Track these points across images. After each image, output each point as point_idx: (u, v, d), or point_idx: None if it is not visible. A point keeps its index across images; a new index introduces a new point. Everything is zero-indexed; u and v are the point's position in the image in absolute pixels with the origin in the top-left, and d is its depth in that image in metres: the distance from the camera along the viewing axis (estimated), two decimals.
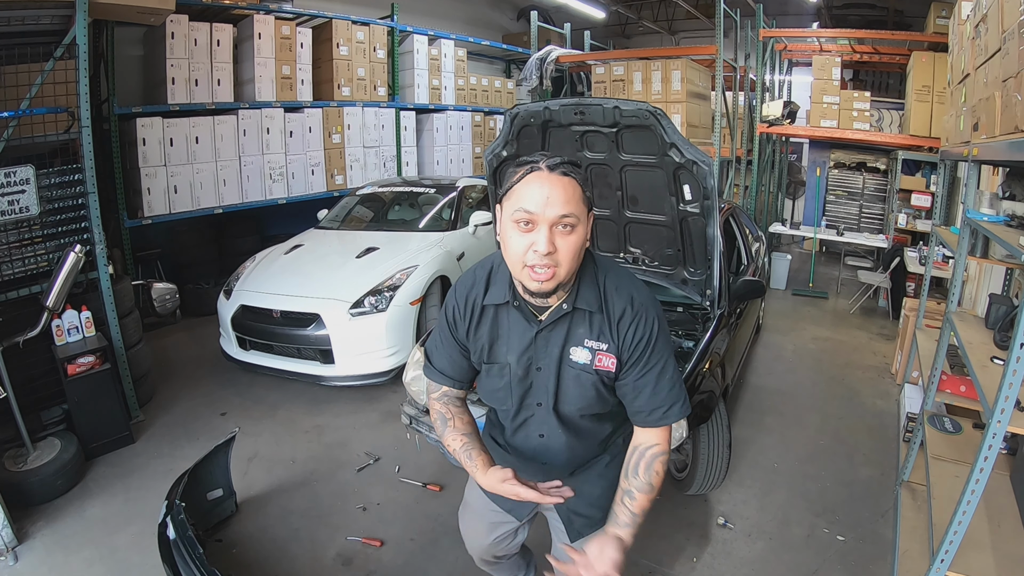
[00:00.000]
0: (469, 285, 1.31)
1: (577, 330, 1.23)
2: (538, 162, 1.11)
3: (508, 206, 1.13)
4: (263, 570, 2.34)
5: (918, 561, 2.12)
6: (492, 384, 1.34)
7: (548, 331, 1.24)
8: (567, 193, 1.09)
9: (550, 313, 1.23)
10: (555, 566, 1.27)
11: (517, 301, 1.23)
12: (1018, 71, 1.75)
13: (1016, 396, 1.46)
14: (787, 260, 6.70)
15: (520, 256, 1.11)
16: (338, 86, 6.30)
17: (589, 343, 1.23)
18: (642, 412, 1.26)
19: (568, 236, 1.10)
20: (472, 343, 1.32)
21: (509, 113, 2.83)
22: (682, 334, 3.00)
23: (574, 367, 1.25)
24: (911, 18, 8.67)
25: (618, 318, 1.22)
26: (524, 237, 1.10)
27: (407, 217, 4.97)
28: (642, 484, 1.24)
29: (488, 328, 1.29)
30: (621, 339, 1.22)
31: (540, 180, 1.09)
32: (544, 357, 1.25)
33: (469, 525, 1.67)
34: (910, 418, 3.00)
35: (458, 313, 1.30)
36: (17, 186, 2.80)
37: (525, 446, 1.40)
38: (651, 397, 1.24)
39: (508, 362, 1.28)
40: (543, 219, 1.08)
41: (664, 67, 6.62)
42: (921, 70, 5.69)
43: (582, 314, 1.23)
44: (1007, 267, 2.71)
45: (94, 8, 3.18)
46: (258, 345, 3.81)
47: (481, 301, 1.28)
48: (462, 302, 1.30)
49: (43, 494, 2.68)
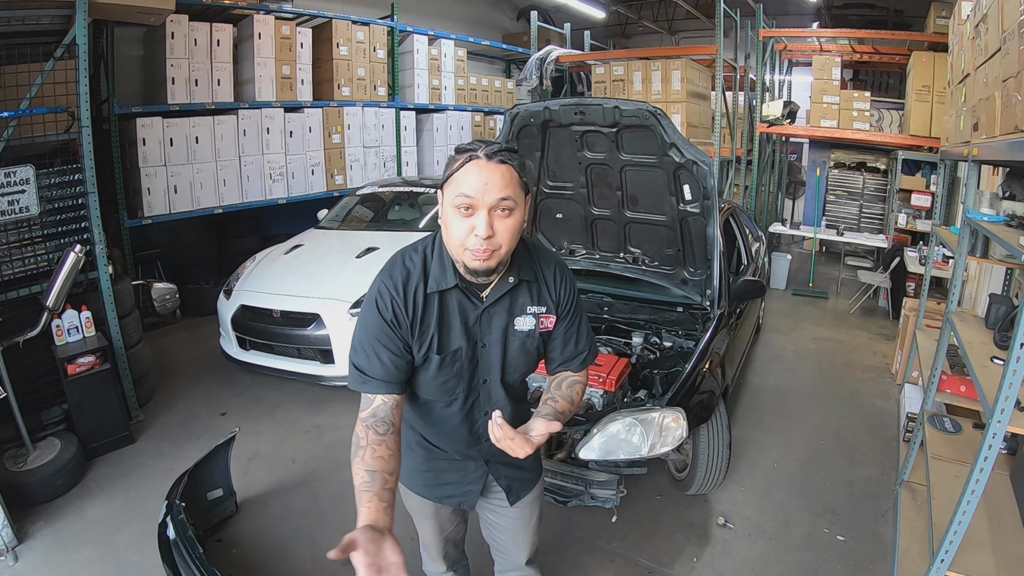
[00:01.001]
0: (403, 277, 1.24)
1: (518, 300, 1.32)
2: (476, 150, 1.16)
3: (449, 192, 1.17)
4: (263, 570, 2.34)
5: (918, 561, 2.12)
6: (442, 376, 1.29)
7: (492, 307, 1.29)
8: (505, 179, 1.15)
9: (493, 289, 1.28)
10: (496, 426, 1.19)
11: (462, 283, 1.26)
12: (1018, 71, 1.75)
13: (1016, 396, 1.46)
14: (787, 260, 6.70)
15: (462, 239, 1.16)
16: (338, 86, 6.30)
17: (531, 309, 1.33)
18: (567, 359, 1.40)
19: (506, 219, 1.17)
20: (418, 338, 1.25)
21: (509, 113, 2.84)
22: (682, 334, 3.00)
23: (518, 335, 1.33)
24: (911, 18, 8.67)
25: (552, 281, 1.35)
26: (465, 221, 1.15)
27: (407, 217, 4.96)
28: (564, 394, 1.38)
29: (436, 317, 1.26)
30: (557, 299, 1.35)
31: (479, 167, 1.14)
32: (489, 333, 1.31)
33: (426, 529, 1.62)
34: (910, 418, 3.00)
35: (399, 309, 1.23)
36: (17, 186, 2.80)
37: (469, 432, 1.39)
38: (575, 346, 1.40)
39: (459, 346, 1.28)
40: (482, 203, 1.14)
41: (664, 67, 6.62)
42: (921, 70, 5.69)
43: (523, 285, 1.32)
44: (1007, 267, 2.71)
45: (94, 8, 3.18)
46: (258, 345, 3.81)
47: (423, 290, 1.24)
48: (400, 296, 1.23)
49: (43, 494, 2.68)
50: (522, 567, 1.66)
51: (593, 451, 2.23)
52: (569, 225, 3.31)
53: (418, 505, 1.54)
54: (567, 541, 2.53)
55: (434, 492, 1.49)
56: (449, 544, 1.65)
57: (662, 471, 2.87)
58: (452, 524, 1.61)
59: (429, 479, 1.48)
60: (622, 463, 2.29)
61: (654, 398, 2.51)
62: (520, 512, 1.56)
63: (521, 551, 1.63)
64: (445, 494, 1.49)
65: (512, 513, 1.55)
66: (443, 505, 1.54)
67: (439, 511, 1.55)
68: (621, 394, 2.63)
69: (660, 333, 3.04)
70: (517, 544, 1.62)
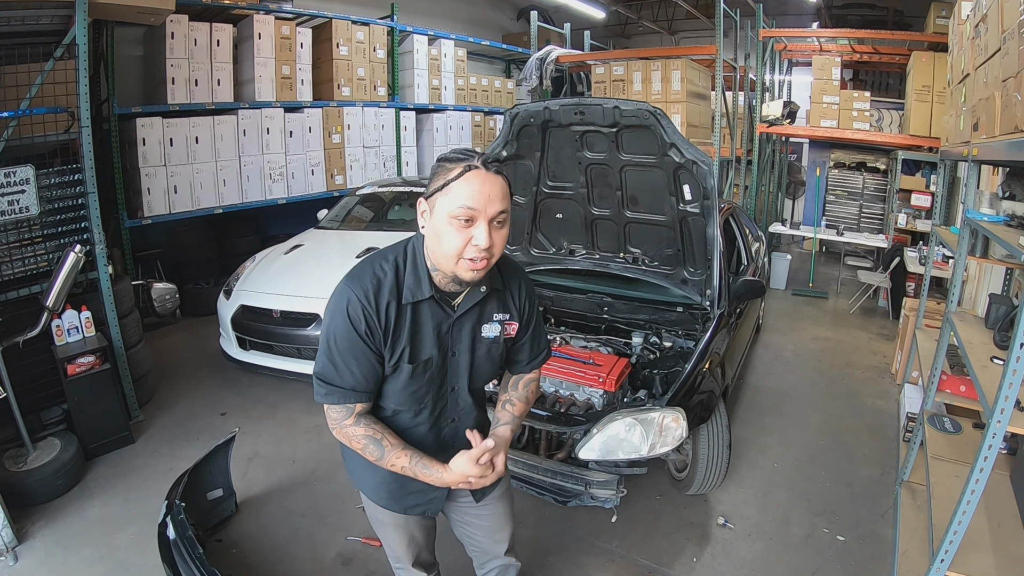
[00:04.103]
0: (375, 287, 1.21)
1: (486, 308, 1.35)
2: (473, 159, 1.16)
3: (445, 202, 1.15)
4: (263, 570, 2.34)
5: (918, 561, 2.12)
6: (413, 385, 1.29)
7: (463, 316, 1.32)
8: (503, 190, 1.18)
9: (465, 298, 1.31)
10: (471, 439, 1.30)
11: (437, 293, 1.27)
12: (1018, 71, 1.75)
13: (1016, 396, 1.46)
14: (787, 260, 6.70)
15: (458, 250, 1.16)
16: (338, 86, 6.30)
17: (498, 317, 1.37)
18: (525, 361, 1.48)
19: (500, 230, 1.20)
20: (389, 348, 1.24)
21: (509, 113, 2.84)
22: (682, 334, 3.00)
23: (484, 342, 1.37)
24: (911, 18, 8.67)
25: (516, 290, 1.40)
26: (462, 232, 1.15)
27: (407, 217, 4.96)
28: (520, 395, 1.48)
29: (408, 327, 1.25)
30: (520, 308, 1.41)
31: (480, 178, 1.14)
32: (459, 342, 1.34)
33: (395, 540, 1.59)
34: (910, 418, 3.00)
35: (371, 320, 1.20)
36: (17, 186, 2.80)
37: (436, 439, 1.40)
38: (533, 347, 1.47)
39: (431, 355, 1.29)
40: (484, 215, 1.15)
41: (664, 67, 6.62)
42: (921, 70, 5.69)
43: (492, 293, 1.35)
44: (1007, 267, 2.71)
45: (94, 8, 3.18)
46: (258, 345, 3.81)
47: (396, 301, 1.23)
48: (372, 306, 1.20)
49: (43, 494, 2.68)
50: (499, 558, 1.67)
51: (593, 451, 2.23)
52: (569, 225, 3.31)
53: (385, 516, 1.51)
54: (567, 541, 2.53)
55: (400, 503, 1.47)
56: (422, 550, 1.63)
57: (662, 471, 2.87)
58: (422, 531, 1.60)
59: (394, 490, 1.44)
60: (622, 463, 2.29)
61: (654, 398, 2.51)
62: (492, 508, 1.58)
63: (499, 544, 1.64)
64: (410, 504, 1.47)
65: (484, 511, 1.57)
66: (410, 515, 1.52)
67: (407, 521, 1.54)
68: (621, 394, 2.63)
69: (660, 333, 3.04)
70: (495, 538, 1.63)
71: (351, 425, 1.27)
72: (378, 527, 1.59)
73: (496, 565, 1.69)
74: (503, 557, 1.66)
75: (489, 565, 1.69)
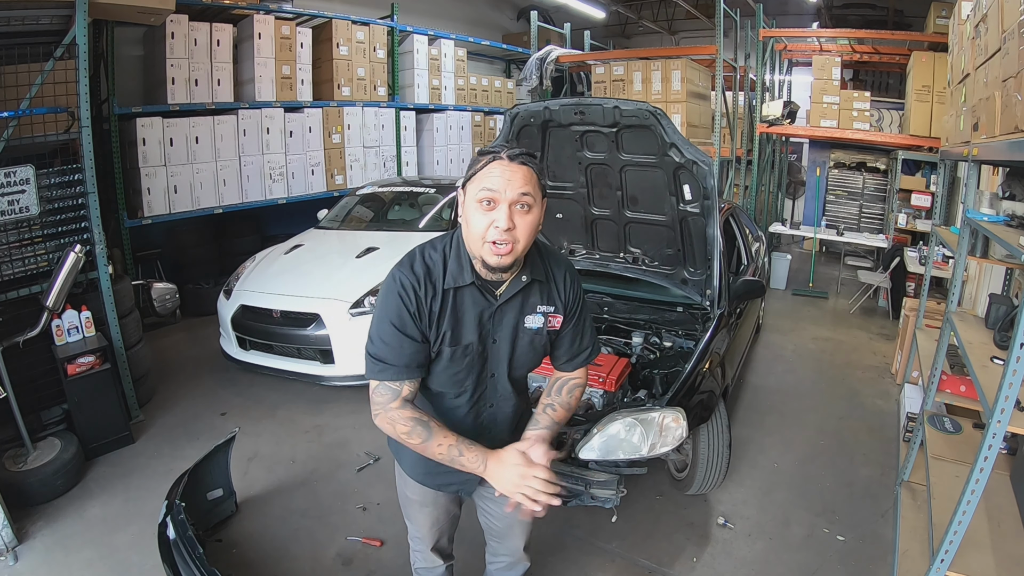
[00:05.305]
0: (424, 271, 1.30)
1: (530, 299, 1.38)
2: (500, 152, 1.24)
3: (471, 188, 1.25)
4: (263, 570, 2.34)
5: (918, 561, 2.12)
6: (453, 367, 1.36)
7: (505, 305, 1.35)
8: (525, 177, 1.23)
9: (507, 287, 1.35)
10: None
11: (479, 280, 1.31)
12: (1018, 71, 1.75)
13: (1016, 396, 1.46)
14: (787, 260, 6.70)
15: (482, 232, 1.22)
16: (338, 86, 6.30)
17: (541, 308, 1.39)
18: (571, 356, 1.49)
19: (526, 215, 1.24)
20: (434, 330, 1.32)
21: (509, 113, 2.83)
22: (682, 334, 3.00)
23: (527, 333, 1.39)
24: (911, 18, 8.67)
25: (561, 283, 1.42)
26: (486, 215, 1.22)
27: (407, 217, 4.96)
28: (563, 400, 1.49)
29: (451, 311, 1.32)
30: (565, 300, 1.42)
31: (502, 166, 1.22)
32: (500, 329, 1.37)
33: (421, 519, 1.66)
34: (910, 418, 3.00)
35: (421, 302, 1.29)
36: (17, 186, 2.80)
37: (474, 422, 1.45)
38: (580, 343, 1.48)
39: (471, 341, 1.34)
40: (504, 198, 1.21)
41: (664, 67, 6.62)
42: (921, 70, 5.69)
43: (535, 284, 1.38)
44: (1007, 267, 2.71)
45: (94, 8, 3.18)
46: (258, 345, 3.81)
47: (442, 285, 1.30)
48: (422, 289, 1.29)
49: (43, 494, 2.68)
50: (514, 552, 1.71)
51: (593, 451, 2.23)
52: (569, 225, 3.31)
53: (417, 493, 1.59)
54: (567, 541, 2.53)
55: (435, 480, 1.54)
56: (442, 536, 1.71)
57: (662, 471, 2.87)
58: (447, 514, 1.67)
59: (431, 467, 1.48)
60: (622, 463, 2.28)
61: (654, 398, 2.51)
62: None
63: (517, 537, 1.69)
64: (445, 481, 1.53)
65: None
66: (441, 493, 1.59)
67: (437, 499, 1.61)
68: (621, 394, 2.63)
69: (660, 333, 3.04)
70: (513, 530, 1.68)
71: (397, 408, 1.31)
72: (406, 505, 1.67)
73: (508, 559, 1.73)
74: (517, 552, 1.71)
75: (502, 557, 1.74)
